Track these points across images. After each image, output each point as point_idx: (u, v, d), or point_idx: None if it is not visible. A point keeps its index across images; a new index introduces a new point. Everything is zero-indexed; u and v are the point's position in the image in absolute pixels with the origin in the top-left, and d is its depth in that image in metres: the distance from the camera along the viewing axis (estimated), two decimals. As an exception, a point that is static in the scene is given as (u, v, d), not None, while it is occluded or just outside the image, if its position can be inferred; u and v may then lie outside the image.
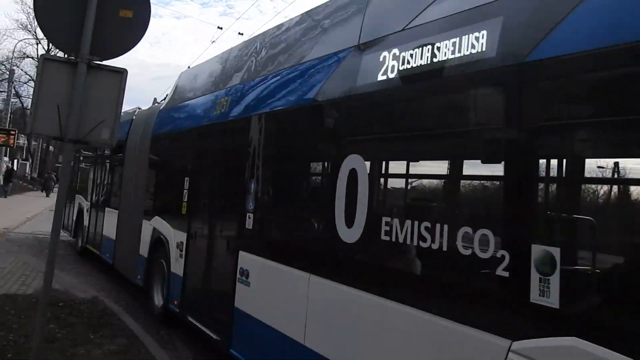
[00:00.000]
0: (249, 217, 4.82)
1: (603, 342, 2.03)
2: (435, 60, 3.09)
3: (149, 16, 3.92)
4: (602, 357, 2.01)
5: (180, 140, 7.11)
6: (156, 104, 9.53)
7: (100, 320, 6.18)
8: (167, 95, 9.96)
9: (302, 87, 4.41)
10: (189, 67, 10.76)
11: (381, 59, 3.49)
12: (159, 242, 7.12)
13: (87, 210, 11.37)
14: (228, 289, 4.95)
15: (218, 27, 44.35)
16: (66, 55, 3.94)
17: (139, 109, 10.13)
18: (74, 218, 12.56)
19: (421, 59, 3.18)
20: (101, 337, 5.51)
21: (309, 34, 4.85)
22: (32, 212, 20.42)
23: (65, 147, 3.90)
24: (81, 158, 13.04)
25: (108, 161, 10.71)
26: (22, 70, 42.32)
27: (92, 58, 3.74)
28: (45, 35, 4.06)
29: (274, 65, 5.15)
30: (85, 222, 11.37)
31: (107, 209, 9.92)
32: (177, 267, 6.36)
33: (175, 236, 6.57)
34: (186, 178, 6.51)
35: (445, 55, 3.03)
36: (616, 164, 2.25)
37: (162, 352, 5.45)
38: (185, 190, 6.47)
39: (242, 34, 16.64)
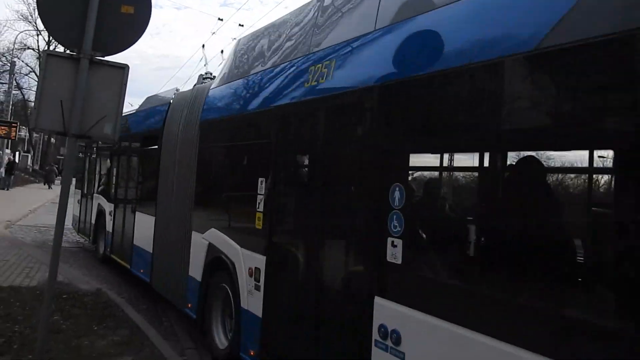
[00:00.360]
0: (394, 245, 2.99)
1: None
2: None
3: (150, 12, 3.97)
4: None
5: (247, 125, 5.25)
6: (203, 83, 7.74)
7: (103, 312, 6.25)
8: (204, 74, 8.59)
9: (520, 23, 2.51)
10: (204, 46, 10.14)
11: None
12: (218, 263, 5.31)
13: (110, 214, 9.62)
14: (355, 352, 3.30)
15: (218, 19, 44.27)
16: (67, 51, 4.00)
17: (177, 90, 8.16)
18: (93, 221, 10.88)
19: None
20: (105, 329, 5.59)
21: None
22: (35, 204, 20.50)
23: (68, 142, 3.96)
24: (98, 151, 11.33)
25: (137, 155, 8.87)
26: (22, 61, 42.37)
27: (94, 54, 3.81)
28: (48, 31, 4.12)
29: None
30: (108, 228, 9.64)
31: (138, 213, 8.10)
32: (253, 303, 4.55)
33: (246, 259, 4.74)
34: (261, 178, 4.66)
35: None
36: None
37: (164, 343, 5.52)
38: (261, 196, 4.62)
39: (242, 25, 16.66)
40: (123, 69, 3.94)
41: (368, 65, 3.60)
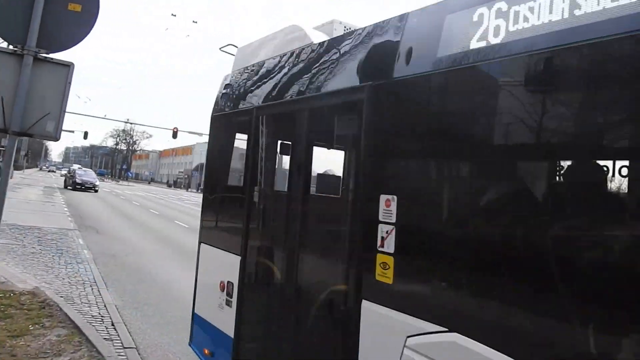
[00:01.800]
0: None
1: None
2: None
3: (98, 11, 3.94)
4: None
5: None
6: None
7: (40, 311, 6.11)
8: None
9: None
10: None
11: None
12: None
13: None
14: None
15: (172, 15, 43.31)
16: (10, 46, 3.93)
17: None
18: None
19: None
20: (42, 328, 5.49)
21: None
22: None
23: (9, 139, 3.89)
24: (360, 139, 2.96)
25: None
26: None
27: (39, 50, 3.76)
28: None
29: None
30: None
31: None
32: None
33: None
34: None
35: None
36: None
37: (104, 343, 5.45)
38: None
39: (196, 22, 16.50)
40: (68, 66, 3.90)
41: None
